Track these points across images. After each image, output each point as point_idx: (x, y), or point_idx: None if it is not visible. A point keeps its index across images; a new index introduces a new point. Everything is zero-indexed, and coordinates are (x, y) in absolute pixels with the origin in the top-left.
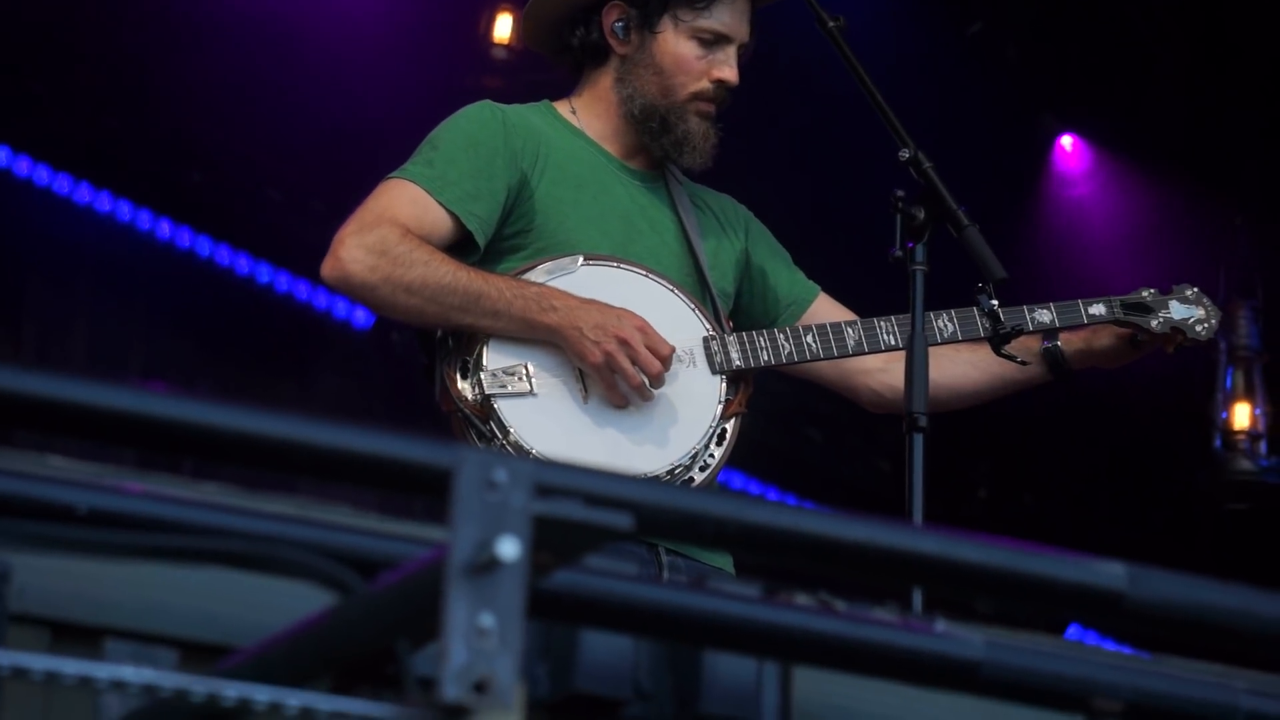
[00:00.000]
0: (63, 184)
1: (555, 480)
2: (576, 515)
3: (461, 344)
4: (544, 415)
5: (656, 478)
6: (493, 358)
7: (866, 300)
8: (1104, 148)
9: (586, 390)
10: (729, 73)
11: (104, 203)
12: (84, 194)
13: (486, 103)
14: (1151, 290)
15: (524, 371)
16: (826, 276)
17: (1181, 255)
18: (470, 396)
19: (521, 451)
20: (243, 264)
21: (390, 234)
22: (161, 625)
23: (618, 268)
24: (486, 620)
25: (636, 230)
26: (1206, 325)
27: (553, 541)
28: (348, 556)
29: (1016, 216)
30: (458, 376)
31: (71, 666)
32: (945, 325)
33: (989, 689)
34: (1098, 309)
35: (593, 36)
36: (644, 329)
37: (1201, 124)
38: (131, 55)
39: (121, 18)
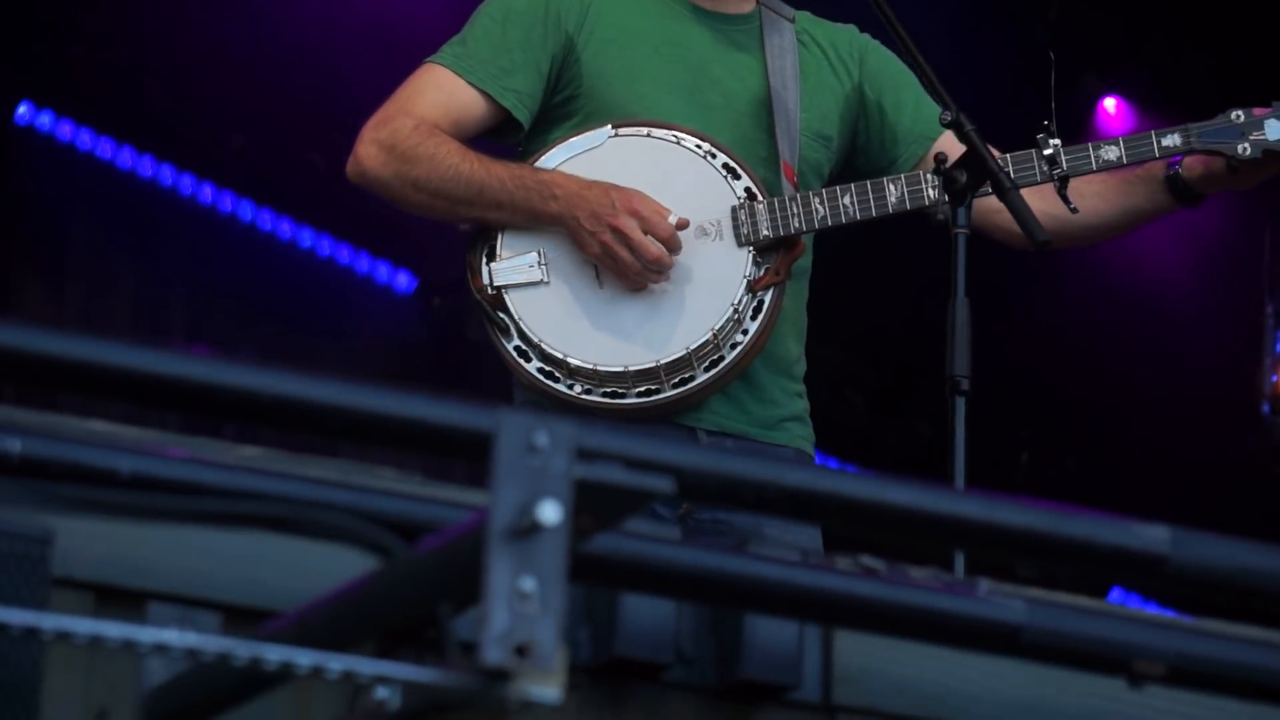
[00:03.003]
0: (105, 148)
1: (596, 443)
2: (617, 479)
3: (485, 232)
4: (555, 304)
5: (675, 361)
6: (508, 246)
7: (908, 267)
8: (1148, 109)
9: (600, 276)
10: None
11: (146, 167)
12: (126, 158)
13: None
14: (1242, 111)
15: (538, 259)
16: (867, 243)
17: (1226, 217)
18: (487, 285)
19: (530, 343)
20: (285, 228)
21: (402, 127)
22: (204, 589)
23: (647, 136)
24: (528, 584)
25: (710, 78)
26: None
27: (594, 505)
28: (390, 521)
29: None
30: (481, 264)
31: (115, 630)
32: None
33: (1031, 652)
34: (1172, 139)
35: None
36: (638, 211)
37: (1246, 84)
38: (173, 17)
39: None
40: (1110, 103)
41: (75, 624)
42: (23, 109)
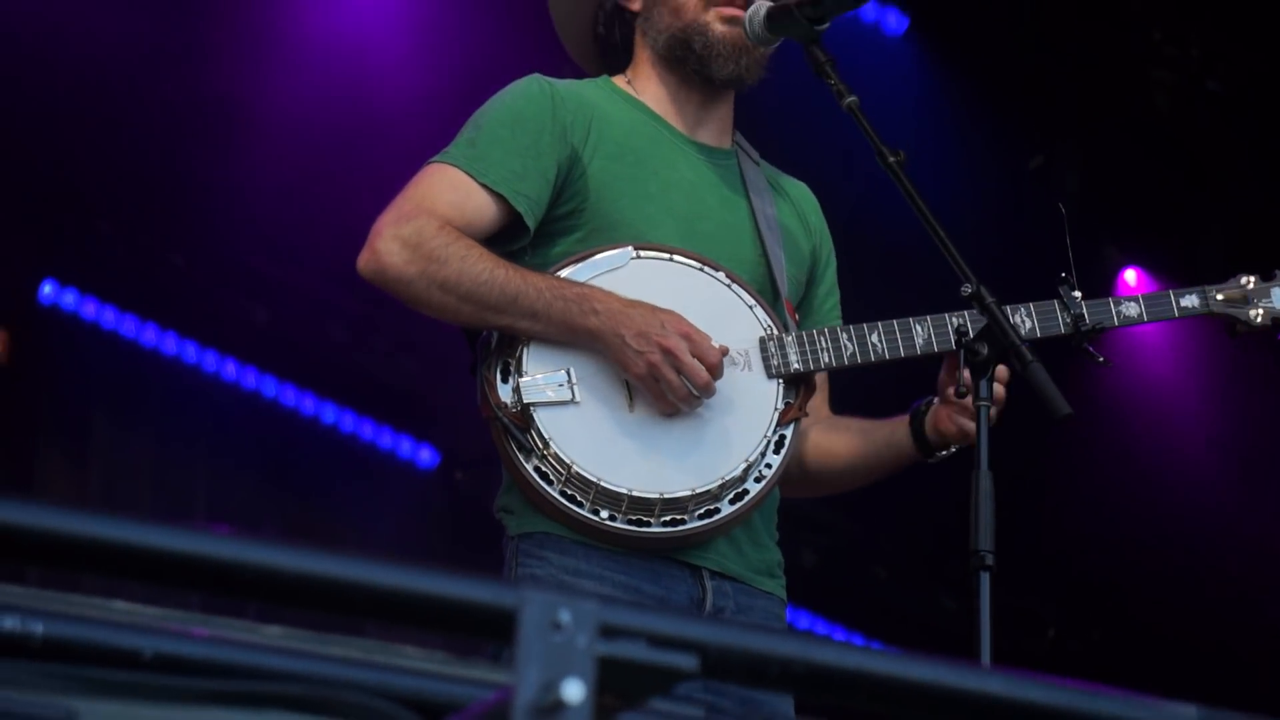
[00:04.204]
0: (129, 326)
1: (620, 620)
2: (641, 657)
3: (504, 346)
4: (586, 425)
5: (706, 492)
6: (534, 362)
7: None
8: (1168, 281)
9: (632, 398)
10: None
11: (169, 343)
12: (150, 335)
13: (535, 76)
14: (1252, 277)
15: (566, 378)
16: (886, 400)
17: (1244, 386)
18: (510, 403)
19: (562, 465)
20: (308, 404)
21: (428, 225)
22: None
23: (670, 260)
24: None
25: (704, 206)
26: None
27: (618, 683)
28: (412, 699)
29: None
30: (498, 380)
31: None
32: (1023, 320)
33: None
34: (1190, 300)
35: (610, 11)
36: (690, 335)
37: (1268, 257)
38: (195, 193)
39: (185, 156)
40: (1131, 274)
41: None
42: (47, 288)
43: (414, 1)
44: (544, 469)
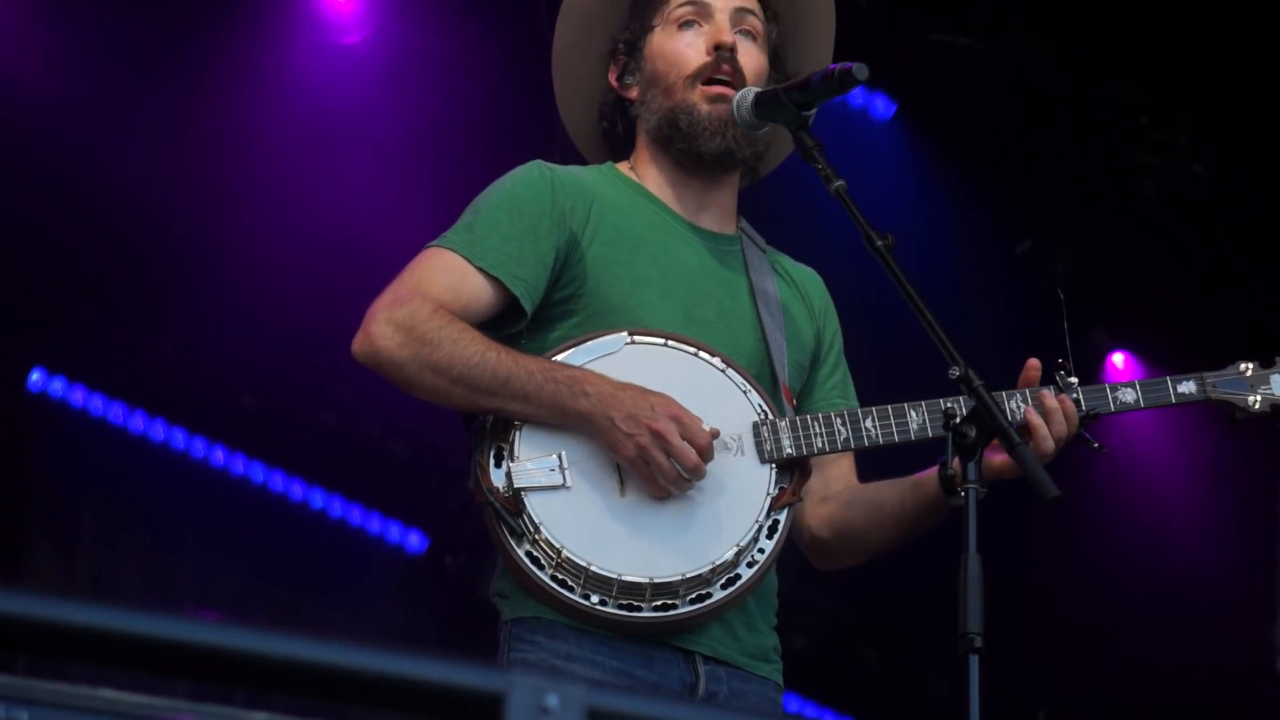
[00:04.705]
0: (117, 413)
1: (607, 704)
2: None
3: (497, 430)
4: (577, 510)
5: (697, 576)
6: (526, 446)
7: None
8: (1156, 366)
9: (624, 481)
10: (721, 34)
11: (158, 431)
12: (138, 422)
13: (536, 162)
14: (1251, 364)
15: (558, 462)
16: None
17: (1240, 470)
18: (501, 488)
19: (553, 549)
20: (296, 490)
21: (421, 309)
22: None
23: (665, 345)
24: None
25: (704, 292)
26: None
27: None
28: None
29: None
30: (491, 465)
31: None
32: (1018, 407)
33: None
34: (1188, 387)
35: (611, 104)
36: (680, 418)
37: (1259, 341)
38: (183, 280)
39: (173, 242)
40: (1119, 358)
41: None
42: (35, 376)
43: (400, 87)
44: (535, 553)
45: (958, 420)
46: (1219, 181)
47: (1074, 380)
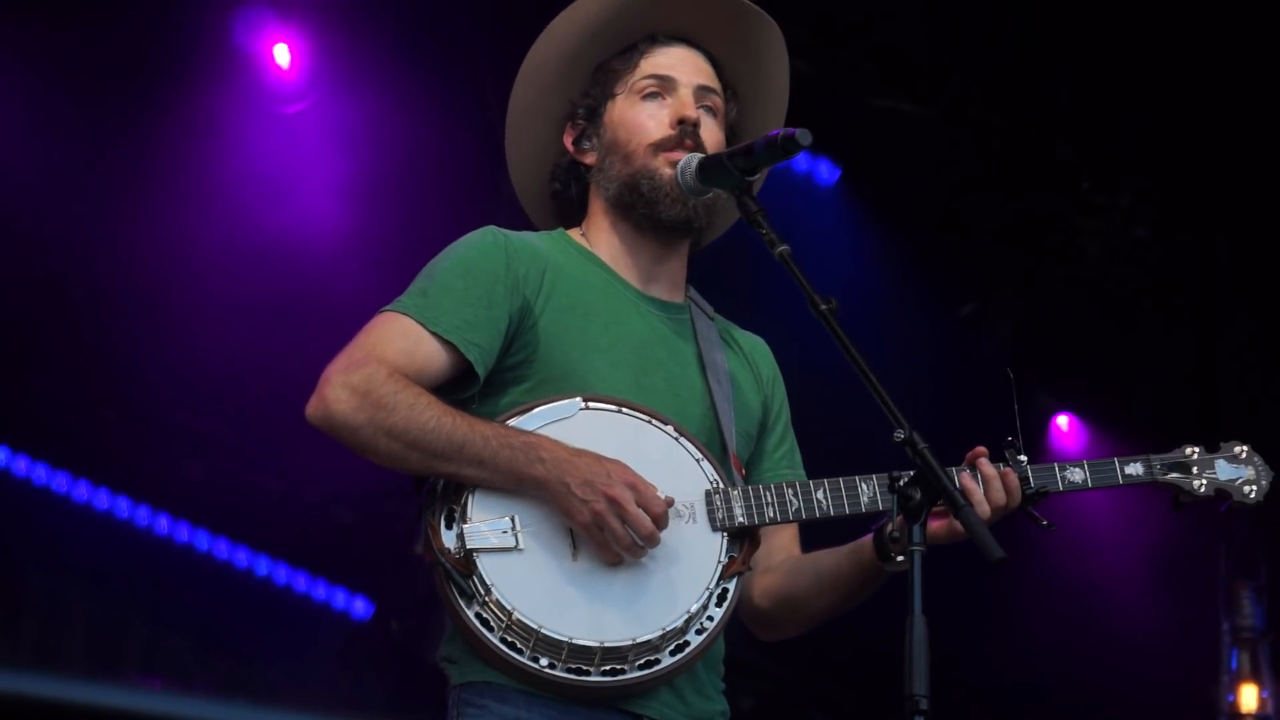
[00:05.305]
0: (61, 482)
1: None
2: None
3: (449, 492)
4: (529, 573)
5: (647, 642)
6: (479, 509)
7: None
8: (1099, 427)
9: (577, 546)
10: (685, 109)
11: (101, 499)
12: (81, 491)
13: (489, 228)
14: (1197, 448)
15: (511, 524)
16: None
17: (1181, 536)
18: (453, 549)
19: (503, 611)
20: (241, 557)
21: (377, 373)
22: None
23: (619, 412)
24: None
25: (654, 360)
26: (1256, 487)
27: None
28: None
29: None
30: (441, 526)
31: None
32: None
33: None
34: (1135, 468)
35: (565, 167)
36: (635, 485)
37: (1201, 403)
38: (125, 346)
39: (115, 311)
40: (1063, 420)
41: None
42: None
43: (342, 153)
44: (485, 615)
45: (903, 483)
46: (1161, 244)
47: (1023, 459)
